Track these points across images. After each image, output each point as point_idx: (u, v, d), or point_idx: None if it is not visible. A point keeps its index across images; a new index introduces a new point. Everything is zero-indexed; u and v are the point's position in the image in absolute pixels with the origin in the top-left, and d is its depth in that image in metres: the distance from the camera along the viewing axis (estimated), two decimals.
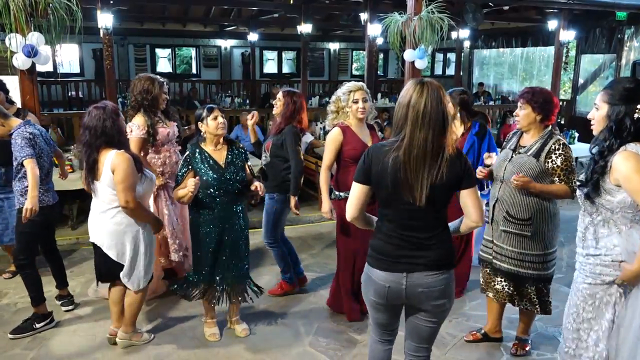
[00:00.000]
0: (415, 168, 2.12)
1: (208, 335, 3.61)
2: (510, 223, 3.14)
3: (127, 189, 3.03)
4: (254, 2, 10.99)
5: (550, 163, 3.01)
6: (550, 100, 3.07)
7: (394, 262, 2.25)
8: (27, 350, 3.46)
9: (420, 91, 2.12)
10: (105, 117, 3.05)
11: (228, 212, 3.37)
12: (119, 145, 3.10)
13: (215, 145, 3.36)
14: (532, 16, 11.39)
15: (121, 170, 3.02)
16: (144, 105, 3.90)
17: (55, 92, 13.57)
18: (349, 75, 17.91)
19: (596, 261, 2.41)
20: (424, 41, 5.60)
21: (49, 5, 4.36)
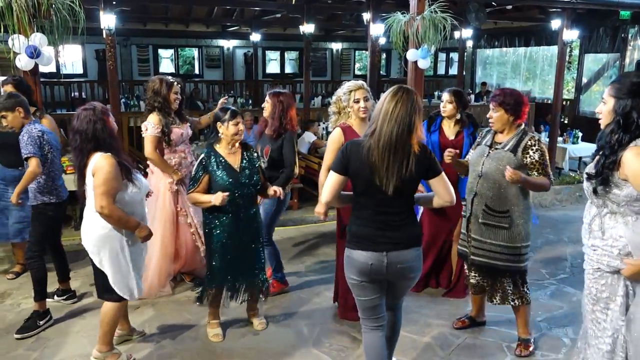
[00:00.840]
0: (382, 155, 2.47)
1: (211, 335, 3.60)
2: (490, 216, 3.26)
3: (103, 194, 2.86)
4: (256, 2, 10.98)
5: (528, 158, 3.16)
6: (521, 101, 3.21)
7: (375, 243, 2.59)
8: (30, 350, 3.46)
9: (394, 94, 2.50)
10: (96, 119, 2.94)
11: (242, 215, 3.39)
12: (109, 149, 2.96)
13: (231, 148, 3.37)
14: (535, 15, 11.34)
15: (101, 174, 2.87)
16: (156, 106, 4.07)
17: (58, 93, 13.59)
18: (351, 75, 17.88)
19: (603, 252, 2.42)
20: (426, 41, 5.58)
21: (52, 6, 4.35)
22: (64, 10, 4.36)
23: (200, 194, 3.31)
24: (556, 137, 9.06)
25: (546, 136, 9.59)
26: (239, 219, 3.38)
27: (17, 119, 3.66)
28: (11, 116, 3.64)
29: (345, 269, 2.73)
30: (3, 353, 3.43)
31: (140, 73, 15.40)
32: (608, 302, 2.43)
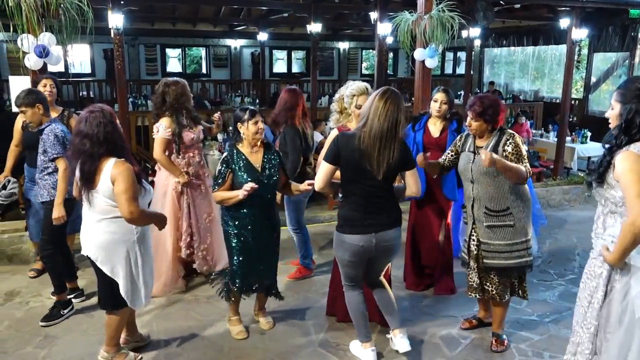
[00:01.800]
0: (373, 143, 2.89)
1: (235, 333, 3.62)
2: (492, 217, 3.30)
3: (131, 199, 2.80)
4: (263, 2, 11.00)
5: (504, 153, 3.23)
6: (498, 110, 3.28)
7: (365, 226, 3.02)
8: (38, 349, 3.48)
9: (384, 93, 2.94)
10: (106, 122, 2.84)
11: (262, 214, 3.40)
12: (120, 153, 2.89)
13: (252, 147, 3.38)
14: (543, 14, 11.28)
15: (123, 180, 2.79)
16: (175, 107, 4.12)
17: (67, 92, 13.65)
18: (358, 75, 17.87)
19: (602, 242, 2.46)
20: (434, 40, 5.56)
21: (61, 5, 4.38)
22: (73, 10, 4.38)
23: (226, 191, 3.32)
24: (565, 137, 9.01)
25: (555, 136, 9.54)
26: (258, 217, 3.39)
27: (36, 115, 3.71)
28: (30, 112, 3.69)
29: (337, 251, 3.16)
30: (12, 351, 3.45)
31: (147, 72, 15.47)
32: (593, 292, 2.49)
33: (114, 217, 2.92)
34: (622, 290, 2.36)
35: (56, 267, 3.84)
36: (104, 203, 2.89)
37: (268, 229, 3.47)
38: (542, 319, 3.94)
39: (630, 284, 2.33)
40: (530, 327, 3.83)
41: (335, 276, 3.74)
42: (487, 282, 3.43)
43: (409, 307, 4.13)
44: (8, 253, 4.88)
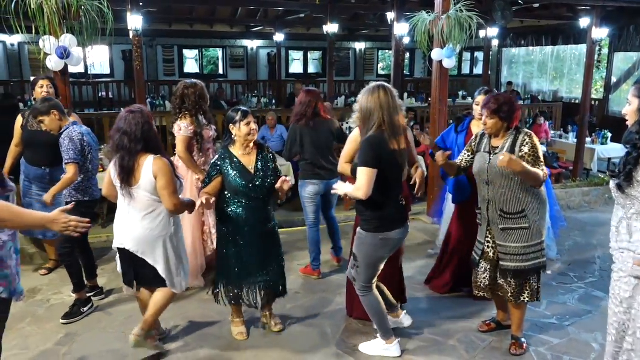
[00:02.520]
0: (397, 139, 3.05)
1: (236, 334, 3.62)
2: (508, 220, 3.27)
3: (173, 193, 3.01)
4: (280, 3, 11.03)
5: (520, 153, 3.18)
6: (514, 109, 3.24)
7: (403, 219, 3.27)
8: (59, 345, 3.53)
9: (381, 87, 3.05)
10: (144, 122, 3.00)
11: (256, 217, 3.37)
12: (156, 151, 3.05)
13: (245, 149, 3.35)
14: (563, 14, 11.15)
15: (164, 176, 2.98)
16: (195, 109, 4.23)
17: (87, 93, 13.87)
18: (374, 75, 17.83)
19: (630, 255, 2.38)
20: (452, 40, 5.53)
21: (81, 7, 4.44)
22: (93, 12, 4.45)
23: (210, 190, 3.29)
24: (584, 138, 8.89)
25: (574, 137, 9.42)
26: (253, 220, 3.36)
27: (54, 122, 3.75)
28: (48, 120, 3.73)
29: (375, 252, 3.20)
30: (33, 347, 3.50)
31: (165, 73, 15.63)
32: (631, 303, 2.41)
33: (154, 212, 3.08)
34: None
35: (74, 265, 3.89)
36: (145, 198, 3.04)
37: (263, 232, 3.41)
38: (562, 322, 3.89)
39: None
40: (549, 330, 3.78)
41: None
42: (504, 284, 3.40)
43: (427, 309, 4.11)
44: (29, 252, 4.95)
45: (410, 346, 3.56)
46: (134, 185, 3.01)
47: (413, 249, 5.35)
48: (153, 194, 3.03)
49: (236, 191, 3.28)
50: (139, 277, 3.26)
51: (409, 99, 12.93)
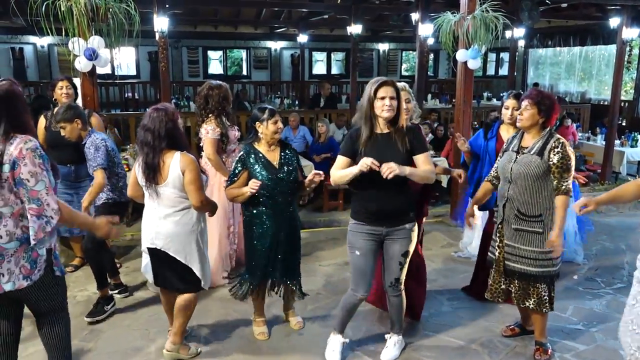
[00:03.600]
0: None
1: (257, 334, 3.64)
2: (522, 221, 3.21)
3: (199, 189, 3.04)
4: (304, 4, 11.05)
5: (550, 161, 3.09)
6: (554, 106, 3.17)
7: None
8: (84, 342, 3.59)
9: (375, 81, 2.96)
10: (167, 120, 3.01)
11: (281, 212, 3.40)
12: (181, 148, 3.07)
13: (270, 146, 3.41)
14: (592, 13, 10.91)
15: (192, 171, 3.01)
16: (218, 110, 4.27)
17: (113, 94, 14.11)
18: (398, 76, 17.74)
19: None
20: (477, 41, 5.47)
21: (109, 10, 4.53)
22: (120, 14, 4.53)
23: (237, 187, 3.35)
24: (613, 140, 8.70)
25: (602, 139, 9.23)
26: (278, 215, 3.39)
27: (75, 130, 3.82)
28: (69, 127, 3.79)
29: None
30: None
31: (190, 74, 15.81)
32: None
33: (183, 209, 3.10)
34: None
35: (99, 262, 3.95)
36: (173, 195, 3.06)
37: (288, 226, 3.44)
38: (589, 329, 3.81)
39: None
40: (575, 336, 3.71)
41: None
42: (510, 285, 3.35)
43: (449, 312, 4.07)
44: None
45: (432, 351, 3.52)
46: (160, 183, 3.04)
47: (436, 251, 5.31)
48: (181, 191, 3.05)
49: (261, 185, 3.30)
50: (162, 279, 3.28)
51: (432, 100, 12.83)
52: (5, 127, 2.38)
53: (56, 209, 2.39)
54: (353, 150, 3.02)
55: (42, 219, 2.37)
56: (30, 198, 2.35)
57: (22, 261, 2.44)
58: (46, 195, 2.37)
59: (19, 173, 2.34)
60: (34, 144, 2.40)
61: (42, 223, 2.38)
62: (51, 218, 2.39)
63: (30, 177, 2.35)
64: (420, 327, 3.81)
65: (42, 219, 2.37)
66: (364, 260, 3.13)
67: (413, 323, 3.81)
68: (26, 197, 2.36)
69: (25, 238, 2.43)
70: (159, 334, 3.62)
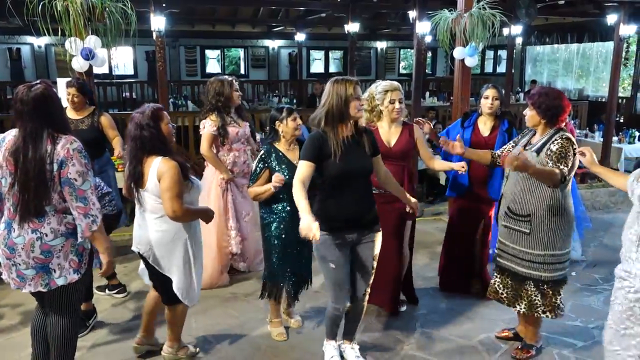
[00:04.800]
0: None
1: (275, 335, 3.64)
2: (510, 219, 3.21)
3: (174, 198, 2.82)
4: (302, 2, 11.04)
5: (548, 151, 3.05)
6: (555, 105, 3.06)
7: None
8: (82, 341, 3.55)
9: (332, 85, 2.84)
10: (144, 123, 2.84)
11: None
12: (163, 152, 2.89)
13: (290, 145, 3.44)
14: (589, 10, 10.90)
15: (168, 178, 2.81)
16: (217, 107, 4.26)
17: (111, 93, 14.08)
18: (396, 74, 17.73)
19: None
20: (474, 38, 5.46)
21: (106, 9, 4.52)
22: (117, 14, 4.52)
23: (259, 186, 3.37)
24: (611, 137, 8.71)
25: (600, 136, 9.23)
26: (297, 213, 3.39)
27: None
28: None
29: None
30: None
31: (187, 74, 15.79)
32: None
33: (163, 216, 2.95)
34: None
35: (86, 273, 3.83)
36: (153, 202, 2.94)
37: None
38: (587, 325, 3.82)
39: None
40: (573, 333, 3.72)
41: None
42: (502, 284, 3.34)
43: (447, 309, 4.08)
44: None
45: (431, 348, 3.53)
46: (141, 189, 2.93)
47: (433, 249, 5.31)
48: (159, 197, 2.90)
49: (283, 184, 3.29)
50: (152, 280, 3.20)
51: (430, 98, 12.82)
52: (50, 128, 2.48)
53: (100, 208, 2.51)
54: (320, 155, 2.83)
55: (88, 218, 2.50)
56: (77, 197, 2.47)
57: (71, 255, 2.58)
58: (91, 195, 2.51)
59: (66, 173, 2.45)
60: (79, 144, 2.51)
61: (89, 222, 2.50)
62: (96, 217, 2.51)
63: (78, 177, 2.46)
64: (418, 324, 3.82)
65: (88, 218, 2.50)
66: (340, 271, 2.98)
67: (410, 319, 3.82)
68: (73, 196, 2.47)
69: (69, 233, 2.55)
70: (158, 333, 3.62)
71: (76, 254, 2.59)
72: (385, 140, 3.66)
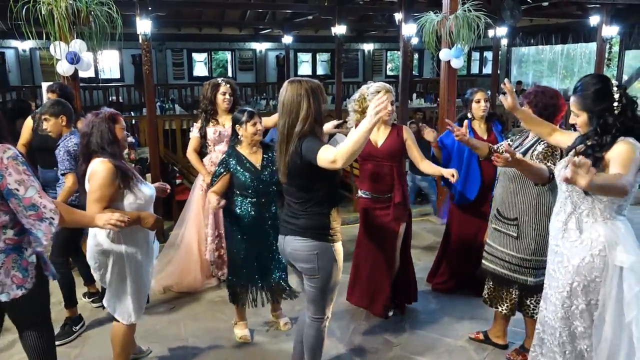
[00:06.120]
0: (280, 147, 2.63)
1: (239, 337, 3.64)
2: (499, 221, 3.20)
3: (96, 201, 2.64)
4: (288, 5, 11.05)
5: (535, 152, 3.03)
6: (552, 104, 3.04)
7: (281, 226, 2.79)
8: (70, 348, 3.57)
9: (286, 87, 2.63)
10: (96, 123, 2.75)
11: (264, 214, 3.40)
12: (110, 155, 2.73)
13: (252, 148, 3.43)
14: (572, 12, 11.05)
15: (94, 180, 2.66)
16: (204, 110, 4.28)
17: (97, 97, 13.98)
18: (383, 76, 17.81)
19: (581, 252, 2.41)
20: (460, 40, 5.51)
21: (91, 13, 4.49)
22: (102, 17, 4.50)
23: (219, 189, 3.33)
24: None
25: None
26: (261, 218, 3.40)
27: (57, 126, 3.72)
28: (53, 122, 3.70)
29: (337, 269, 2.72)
30: None
31: (175, 77, 15.73)
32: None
33: None
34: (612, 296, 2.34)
35: (65, 278, 3.72)
36: None
37: (271, 227, 3.44)
38: None
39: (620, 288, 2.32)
40: None
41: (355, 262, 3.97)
42: (485, 285, 3.37)
43: (436, 309, 4.10)
44: None
45: (419, 347, 3.55)
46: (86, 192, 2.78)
47: (422, 249, 5.34)
48: None
49: (244, 187, 3.33)
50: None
51: (417, 100, 12.90)
52: None
53: (53, 208, 2.34)
54: None
55: (44, 221, 2.34)
56: (25, 206, 2.29)
57: (13, 271, 2.40)
58: (40, 199, 2.32)
59: (5, 184, 2.27)
60: (14, 152, 2.31)
61: (47, 224, 2.34)
62: (52, 219, 2.35)
63: (19, 186, 2.28)
64: (408, 325, 3.84)
65: (44, 221, 2.34)
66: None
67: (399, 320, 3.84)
68: (22, 207, 2.30)
69: (10, 249, 2.38)
70: (145, 339, 3.60)
71: (19, 269, 2.40)
72: (373, 140, 3.68)
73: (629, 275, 2.31)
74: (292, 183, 2.64)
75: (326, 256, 2.65)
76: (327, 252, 2.65)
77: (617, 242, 2.35)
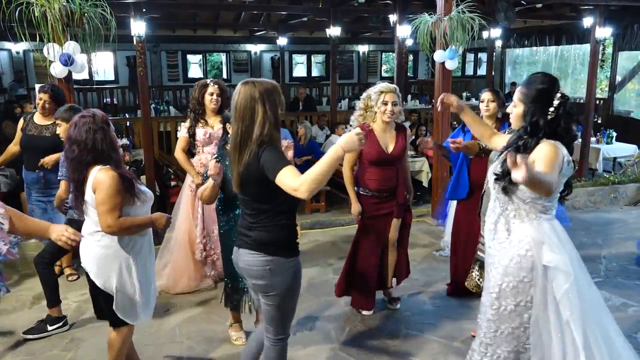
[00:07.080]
0: (232, 156, 2.40)
1: (234, 339, 3.63)
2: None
3: (109, 212, 2.60)
4: (283, 7, 11.06)
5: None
6: None
7: (236, 238, 2.58)
8: (65, 351, 3.55)
9: (239, 90, 2.39)
10: (96, 129, 2.63)
11: None
12: (109, 161, 2.66)
13: None
14: (566, 13, 11.09)
15: (102, 190, 2.59)
16: (193, 110, 4.27)
17: (91, 99, 13.94)
18: (378, 78, 17.82)
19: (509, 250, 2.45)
20: (454, 42, 5.53)
21: (85, 15, 4.48)
22: (96, 19, 4.48)
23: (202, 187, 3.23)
24: (589, 137, 8.86)
25: (579, 136, 9.39)
26: None
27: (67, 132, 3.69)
28: (64, 127, 3.59)
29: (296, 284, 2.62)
30: (39, 353, 3.52)
31: (169, 79, 15.70)
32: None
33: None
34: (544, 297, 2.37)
35: (49, 277, 3.72)
36: (92, 213, 2.71)
37: None
38: None
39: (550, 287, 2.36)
40: None
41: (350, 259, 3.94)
42: (481, 277, 3.35)
43: (430, 310, 4.10)
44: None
45: (415, 349, 3.55)
46: (84, 201, 2.71)
47: (418, 251, 5.35)
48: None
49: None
50: (95, 307, 2.91)
51: (412, 101, 12.91)
52: None
53: (2, 212, 2.25)
54: None
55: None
56: None
57: None
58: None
59: None
60: None
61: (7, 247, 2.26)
62: (1, 224, 2.27)
63: None
64: (402, 326, 3.84)
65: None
66: None
67: (395, 321, 3.83)
68: None
69: None
70: (140, 342, 3.58)
71: None
72: (383, 145, 3.70)
73: (557, 275, 2.35)
74: (246, 193, 2.45)
75: (281, 272, 2.45)
76: (282, 267, 2.45)
77: (543, 241, 2.40)
